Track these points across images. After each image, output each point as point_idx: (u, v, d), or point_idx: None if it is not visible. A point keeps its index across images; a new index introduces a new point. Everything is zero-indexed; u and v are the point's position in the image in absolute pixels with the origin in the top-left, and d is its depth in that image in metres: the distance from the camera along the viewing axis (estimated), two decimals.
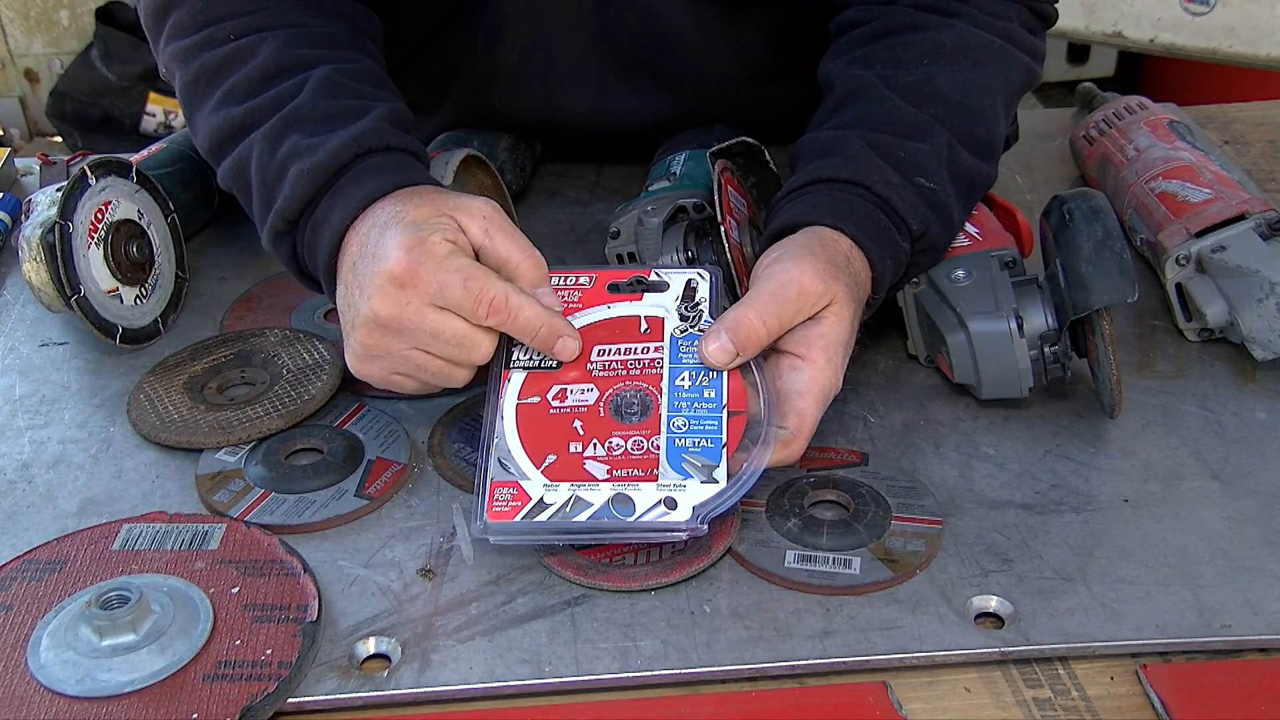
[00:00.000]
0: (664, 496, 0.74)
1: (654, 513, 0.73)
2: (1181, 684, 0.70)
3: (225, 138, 0.91)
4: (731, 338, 0.78)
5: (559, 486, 0.74)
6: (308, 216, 0.86)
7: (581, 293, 0.83)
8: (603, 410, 0.78)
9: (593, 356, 0.80)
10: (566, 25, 1.12)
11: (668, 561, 0.77)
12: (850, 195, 0.86)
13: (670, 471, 0.75)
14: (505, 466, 0.75)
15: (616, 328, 0.82)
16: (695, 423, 0.77)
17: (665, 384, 0.78)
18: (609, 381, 0.79)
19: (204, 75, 0.93)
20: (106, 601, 0.71)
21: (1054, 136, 1.28)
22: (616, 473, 0.75)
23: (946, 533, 0.80)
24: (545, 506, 0.74)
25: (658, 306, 0.83)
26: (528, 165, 1.22)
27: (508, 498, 0.74)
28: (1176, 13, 2.12)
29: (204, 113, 0.93)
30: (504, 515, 0.73)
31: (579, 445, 0.76)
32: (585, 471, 0.75)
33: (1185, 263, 0.98)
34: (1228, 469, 0.86)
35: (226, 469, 0.86)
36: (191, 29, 0.94)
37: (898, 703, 0.69)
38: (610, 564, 0.77)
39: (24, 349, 1.02)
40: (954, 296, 0.89)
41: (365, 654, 0.73)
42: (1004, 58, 0.96)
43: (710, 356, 0.78)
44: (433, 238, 0.78)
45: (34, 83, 2.93)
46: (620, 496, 0.74)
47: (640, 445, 0.76)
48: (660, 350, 0.80)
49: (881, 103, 0.91)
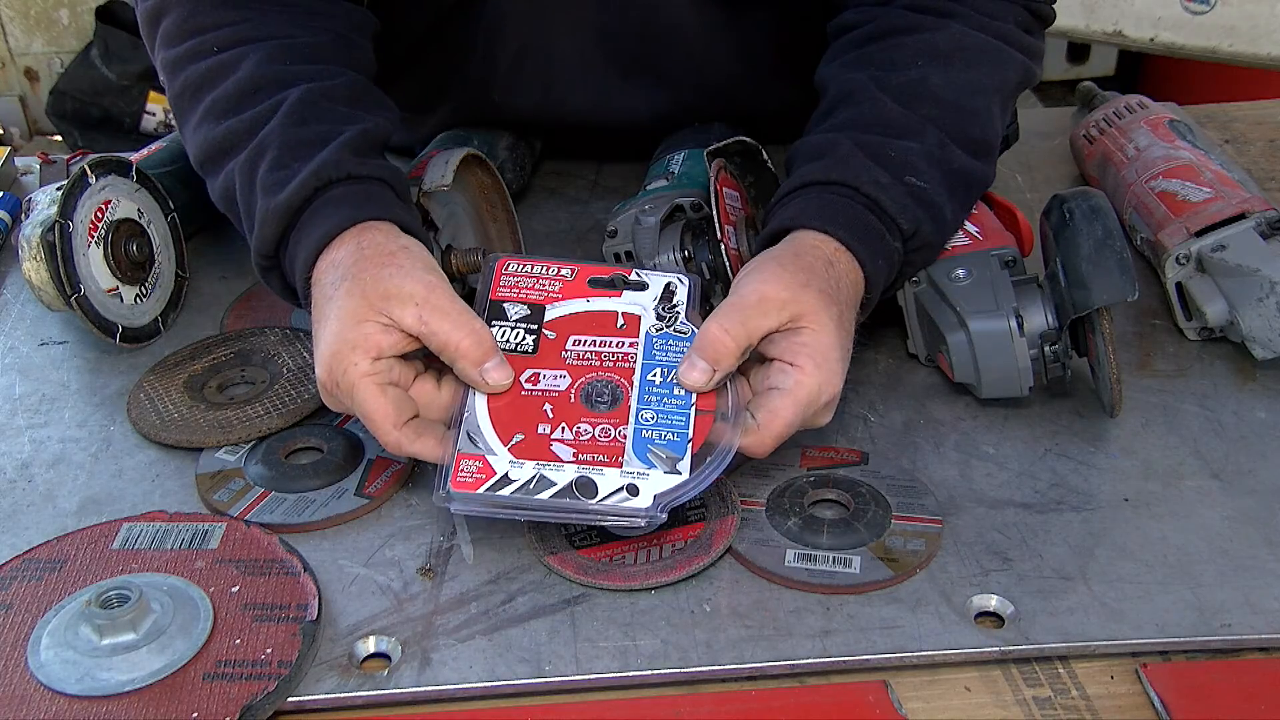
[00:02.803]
0: (627, 483, 0.75)
1: (615, 497, 0.74)
2: (1181, 683, 0.70)
3: (208, 157, 0.91)
4: (702, 355, 0.79)
5: (524, 464, 0.75)
6: (282, 252, 0.86)
7: (562, 284, 0.85)
8: (573, 397, 0.79)
9: (568, 345, 0.82)
10: (568, 21, 1.12)
11: (668, 560, 0.77)
12: (838, 197, 0.86)
13: (635, 460, 0.76)
14: (473, 440, 0.76)
15: (594, 320, 0.83)
16: (663, 417, 0.78)
17: (637, 378, 0.80)
18: (582, 370, 0.80)
19: (189, 89, 0.93)
20: (106, 601, 0.71)
21: (1054, 135, 1.28)
22: (582, 456, 0.76)
23: (946, 532, 0.80)
24: (509, 481, 0.75)
25: (635, 304, 0.84)
26: (528, 164, 1.22)
27: (473, 470, 0.75)
28: (1177, 12, 2.12)
29: (190, 127, 0.93)
30: (467, 486, 0.75)
31: (547, 427, 0.77)
32: (551, 452, 0.76)
33: (1185, 262, 0.98)
34: (1228, 468, 0.86)
35: (226, 468, 0.86)
36: (179, 38, 0.94)
37: (898, 702, 0.69)
38: (610, 563, 0.77)
39: (24, 348, 1.02)
40: (954, 295, 0.89)
41: (365, 653, 0.73)
42: (999, 58, 0.96)
43: (692, 383, 0.79)
44: (350, 358, 0.77)
45: (34, 81, 2.93)
46: (583, 479, 0.75)
47: (607, 433, 0.77)
48: (635, 346, 0.82)
49: (873, 104, 0.91)
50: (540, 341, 0.81)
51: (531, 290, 0.84)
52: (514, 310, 0.83)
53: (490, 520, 0.80)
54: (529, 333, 0.82)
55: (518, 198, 1.18)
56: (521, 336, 0.82)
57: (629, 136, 1.20)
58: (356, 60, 0.97)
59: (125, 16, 2.79)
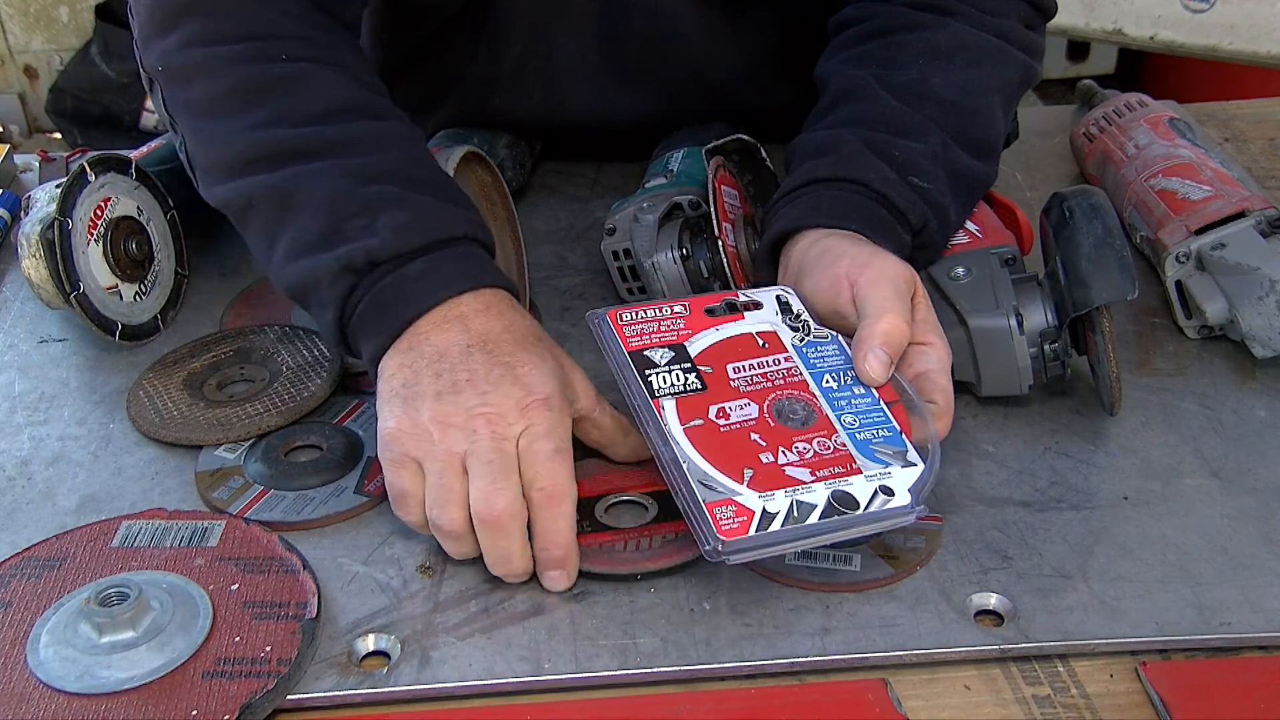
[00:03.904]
0: (879, 485, 0.73)
1: (876, 502, 0.73)
2: (1181, 682, 0.70)
3: (263, 155, 0.85)
4: (886, 347, 0.78)
5: (774, 495, 0.72)
6: (396, 266, 0.81)
7: (684, 320, 0.82)
8: (771, 420, 0.77)
9: (731, 374, 0.79)
10: (570, 28, 1.12)
11: (657, 550, 0.77)
12: (849, 193, 0.86)
13: (870, 463, 0.74)
14: (711, 488, 0.73)
15: (735, 346, 0.81)
16: (864, 417, 0.77)
17: (815, 389, 0.78)
18: (761, 394, 0.78)
19: (245, 89, 0.87)
20: (106, 599, 0.71)
21: (1054, 134, 1.28)
22: (820, 473, 0.74)
23: (946, 530, 0.80)
24: (772, 516, 0.72)
25: (763, 323, 0.82)
26: (528, 162, 1.22)
27: (730, 515, 0.71)
28: (1176, 10, 2.12)
29: (233, 126, 0.87)
30: (735, 532, 0.71)
31: (769, 455, 0.74)
32: (790, 477, 0.73)
33: (1185, 260, 0.98)
34: (1227, 467, 0.86)
35: (226, 466, 0.86)
36: (231, 38, 0.89)
37: (897, 700, 0.69)
38: (600, 549, 0.77)
39: (23, 345, 1.02)
40: (954, 293, 0.89)
41: (365, 651, 0.73)
42: (1001, 56, 0.96)
43: (876, 375, 0.78)
44: (579, 388, 0.80)
45: (33, 79, 2.93)
46: (839, 493, 0.73)
47: (826, 445, 0.75)
48: (790, 360, 0.80)
49: (876, 102, 0.91)
50: (703, 377, 0.79)
51: (660, 333, 0.81)
52: (659, 355, 0.80)
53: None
54: (687, 372, 0.79)
55: (517, 196, 1.17)
56: (683, 377, 0.78)
57: (628, 138, 1.20)
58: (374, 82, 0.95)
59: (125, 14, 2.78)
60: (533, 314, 1.01)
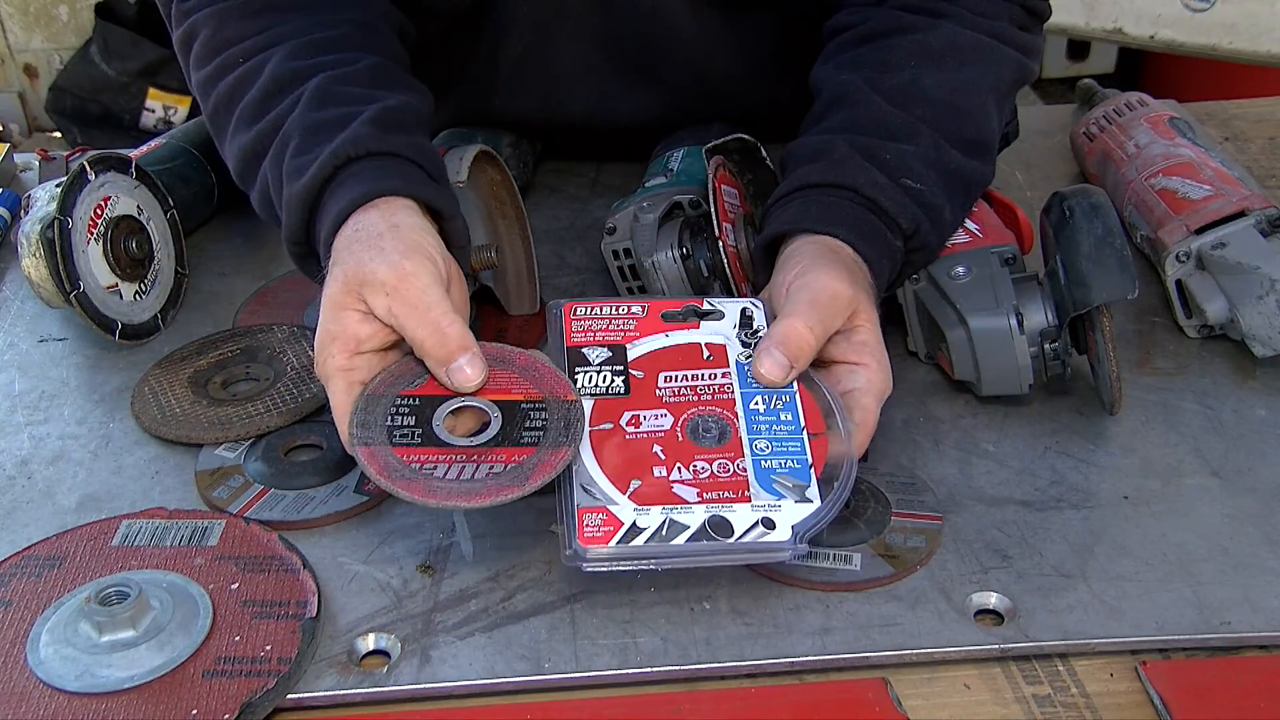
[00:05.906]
0: (761, 517, 0.72)
1: (753, 533, 0.72)
2: (1181, 681, 0.70)
3: (246, 167, 0.90)
4: (783, 351, 0.77)
5: (650, 510, 0.72)
6: (314, 238, 0.85)
7: (636, 321, 0.82)
8: (680, 435, 0.76)
9: (660, 383, 0.79)
10: (570, 29, 1.12)
11: (477, 484, 0.73)
12: (839, 199, 0.87)
13: (763, 492, 0.73)
14: (589, 492, 0.73)
15: (678, 355, 0.81)
16: (778, 444, 0.76)
17: (740, 409, 0.78)
18: (681, 407, 0.78)
19: (220, 104, 0.93)
20: (106, 598, 0.71)
21: (1054, 133, 1.28)
22: (707, 495, 0.73)
23: (946, 529, 0.80)
24: (639, 530, 0.72)
25: (716, 334, 0.82)
26: (529, 161, 1.22)
27: (598, 523, 0.72)
28: (1177, 9, 2.12)
29: (226, 143, 0.93)
30: (597, 540, 0.71)
31: (663, 470, 0.74)
32: (675, 495, 0.73)
33: (1185, 259, 0.98)
34: (1227, 466, 0.86)
35: (226, 465, 0.86)
36: (206, 58, 0.94)
37: (897, 699, 0.69)
38: (419, 469, 0.73)
39: (23, 344, 1.02)
40: (954, 293, 0.89)
41: (365, 650, 0.73)
42: (993, 55, 0.96)
43: (766, 374, 0.78)
44: (329, 350, 0.77)
45: (33, 78, 2.93)
46: (716, 519, 0.72)
47: (726, 468, 0.75)
48: (728, 376, 0.79)
49: (867, 106, 0.91)
50: (631, 382, 0.79)
51: (607, 332, 0.82)
52: (595, 354, 0.80)
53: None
54: (616, 375, 0.79)
55: None
56: (610, 380, 0.79)
57: (628, 137, 1.20)
58: (380, 46, 0.96)
59: (124, 13, 2.79)
60: (541, 311, 1.03)
